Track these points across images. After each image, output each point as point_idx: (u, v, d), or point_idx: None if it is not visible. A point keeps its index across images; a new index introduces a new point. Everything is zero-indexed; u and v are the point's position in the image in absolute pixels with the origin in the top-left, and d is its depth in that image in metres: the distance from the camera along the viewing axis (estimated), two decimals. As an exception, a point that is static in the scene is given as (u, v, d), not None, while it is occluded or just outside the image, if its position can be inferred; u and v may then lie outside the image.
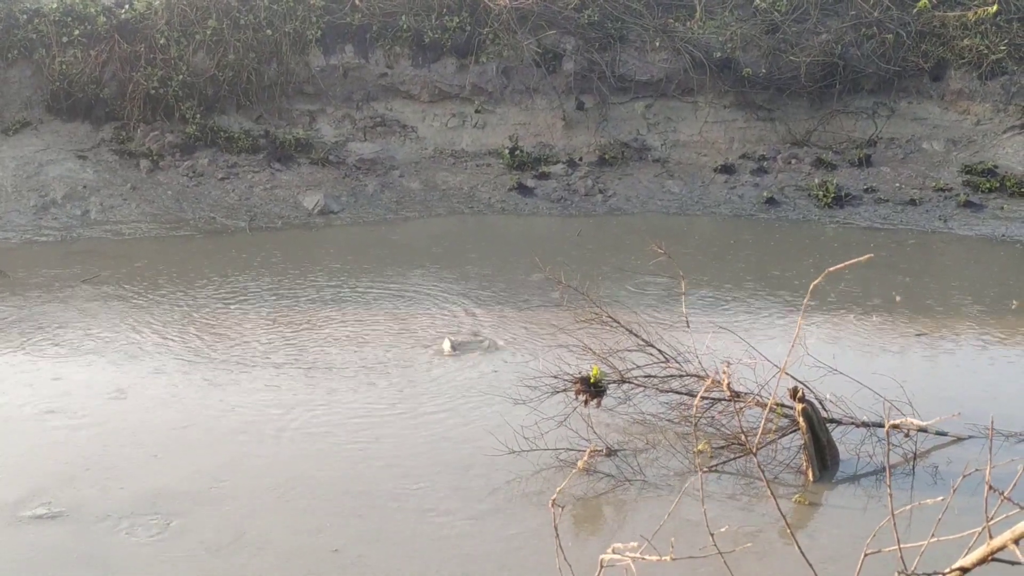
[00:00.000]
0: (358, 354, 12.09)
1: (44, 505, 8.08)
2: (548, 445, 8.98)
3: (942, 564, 2.94)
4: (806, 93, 24.10)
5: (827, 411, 9.25)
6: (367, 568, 7.26)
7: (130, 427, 9.77)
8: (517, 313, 13.75)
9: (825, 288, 14.59)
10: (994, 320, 13.56)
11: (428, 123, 24.02)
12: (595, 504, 8.33)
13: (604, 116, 24.21)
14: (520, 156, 23.07)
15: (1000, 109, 23.52)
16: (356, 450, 9.33)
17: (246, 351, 12.15)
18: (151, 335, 12.65)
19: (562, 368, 9.90)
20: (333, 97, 23.72)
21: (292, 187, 21.25)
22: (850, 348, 12.51)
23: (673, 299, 13.57)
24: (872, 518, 7.87)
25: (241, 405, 10.38)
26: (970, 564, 2.62)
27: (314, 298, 14.47)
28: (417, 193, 21.79)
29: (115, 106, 21.94)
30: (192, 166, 21.38)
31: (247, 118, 22.89)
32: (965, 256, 18.12)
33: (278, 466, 8.95)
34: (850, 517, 8.21)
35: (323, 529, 7.82)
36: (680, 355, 10.06)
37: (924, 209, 20.69)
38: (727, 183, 22.55)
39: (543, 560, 7.19)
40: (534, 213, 21.16)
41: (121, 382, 11.06)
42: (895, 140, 23.61)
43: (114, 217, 19.33)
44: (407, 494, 8.45)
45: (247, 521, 7.95)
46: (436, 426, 9.92)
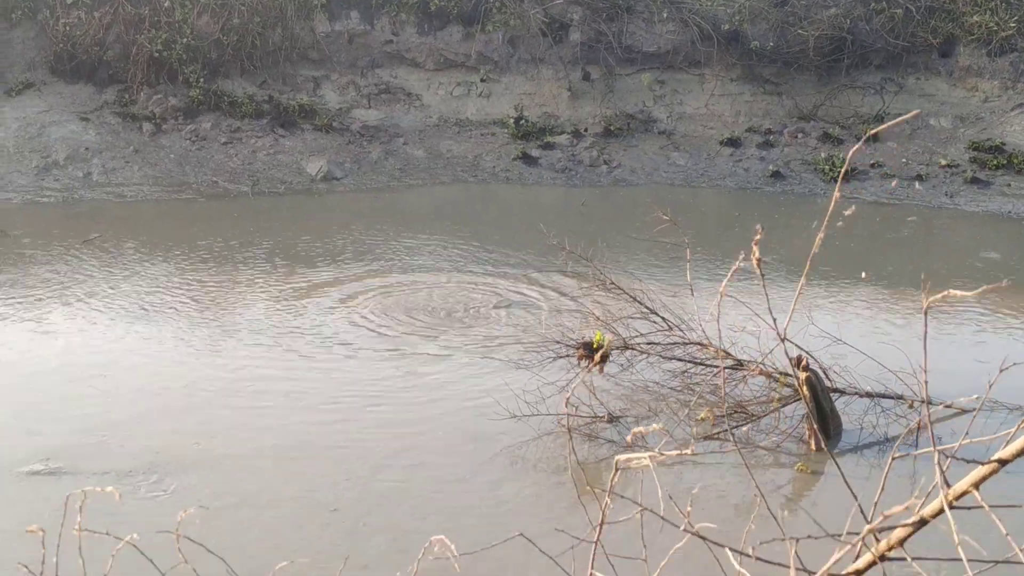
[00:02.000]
0: (359, 319, 12.02)
1: (42, 462, 8.02)
2: (550, 410, 8.91)
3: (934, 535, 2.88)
4: (814, 67, 23.98)
5: (831, 381, 9.18)
6: (365, 526, 7.21)
7: (129, 388, 9.72)
8: (523, 278, 13.67)
9: (829, 261, 14.52)
10: (999, 296, 13.47)
11: (433, 91, 23.91)
12: (595, 470, 8.25)
13: (610, 87, 24.08)
14: (525, 126, 22.97)
15: (1008, 86, 23.39)
16: (356, 414, 9.27)
17: (246, 315, 12.08)
18: (151, 297, 12.58)
19: (565, 334, 9.82)
20: (338, 63, 23.61)
21: (295, 153, 21.16)
22: (854, 320, 12.44)
23: (677, 268, 13.51)
24: (874, 488, 7.79)
25: (241, 368, 10.32)
26: (929, 514, 2.57)
27: (315, 263, 14.39)
28: (421, 161, 21.70)
29: (118, 68, 21.84)
30: (195, 130, 21.28)
31: (251, 83, 22.78)
32: (971, 232, 18.03)
33: (277, 428, 8.89)
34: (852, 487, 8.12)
35: (321, 489, 7.76)
36: (683, 323, 9.98)
37: (930, 185, 20.60)
38: (733, 156, 22.46)
39: (542, 522, 7.13)
40: (538, 183, 21.08)
41: (120, 343, 11.00)
42: (903, 115, 23.45)
43: (116, 179, 19.25)
44: (406, 456, 8.39)
45: (246, 482, 7.89)
46: (438, 390, 9.85)
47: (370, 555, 6.71)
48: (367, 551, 6.76)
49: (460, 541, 6.89)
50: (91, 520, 3.08)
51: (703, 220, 18.12)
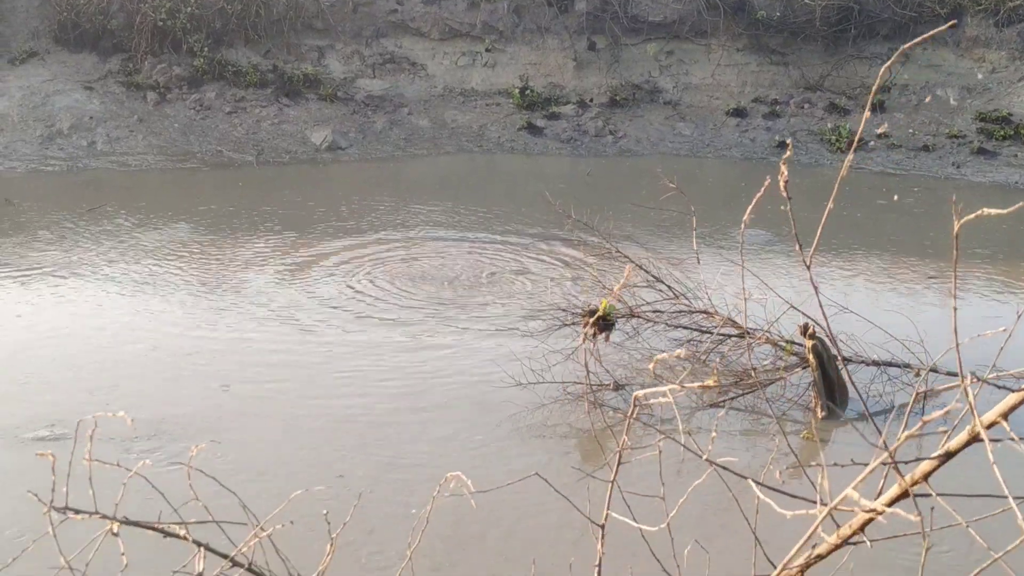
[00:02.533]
0: (364, 288, 11.98)
1: (47, 428, 8.00)
2: (556, 378, 8.87)
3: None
4: (820, 37, 23.86)
5: (837, 349, 9.13)
6: (372, 493, 7.18)
7: (135, 357, 9.69)
8: (528, 247, 13.63)
9: (835, 231, 14.47)
10: (1006, 266, 13.42)
11: (438, 61, 23.81)
12: (602, 437, 8.23)
13: (616, 57, 23.97)
14: (530, 96, 22.89)
15: (1016, 57, 23.25)
16: (361, 382, 9.24)
17: (253, 285, 12.05)
18: (156, 266, 12.55)
19: (571, 302, 9.79)
20: (342, 33, 23.49)
21: (300, 122, 21.10)
22: (862, 289, 12.40)
23: (683, 237, 13.47)
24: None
25: (247, 337, 10.28)
26: (955, 447, 2.53)
27: (320, 232, 14.35)
28: (426, 131, 21.63)
29: (122, 38, 21.74)
30: (199, 99, 21.22)
31: (255, 52, 22.69)
32: (977, 203, 17.90)
33: (282, 397, 8.86)
34: (858, 455, 8.11)
35: (328, 455, 7.74)
36: (690, 291, 9.94)
37: (937, 155, 20.53)
38: (739, 126, 22.40)
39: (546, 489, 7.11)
40: (543, 153, 21.02)
41: (125, 312, 10.97)
42: (909, 86, 23.37)
43: (120, 148, 19.20)
44: (412, 424, 8.37)
45: (253, 449, 7.87)
46: (443, 359, 9.83)
47: (376, 519, 6.70)
48: (373, 515, 6.74)
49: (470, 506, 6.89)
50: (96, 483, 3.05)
51: (709, 190, 18.06)
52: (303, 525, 4.01)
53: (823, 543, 2.90)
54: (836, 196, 2.88)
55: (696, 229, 8.63)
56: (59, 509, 2.91)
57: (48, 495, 2.95)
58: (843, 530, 2.83)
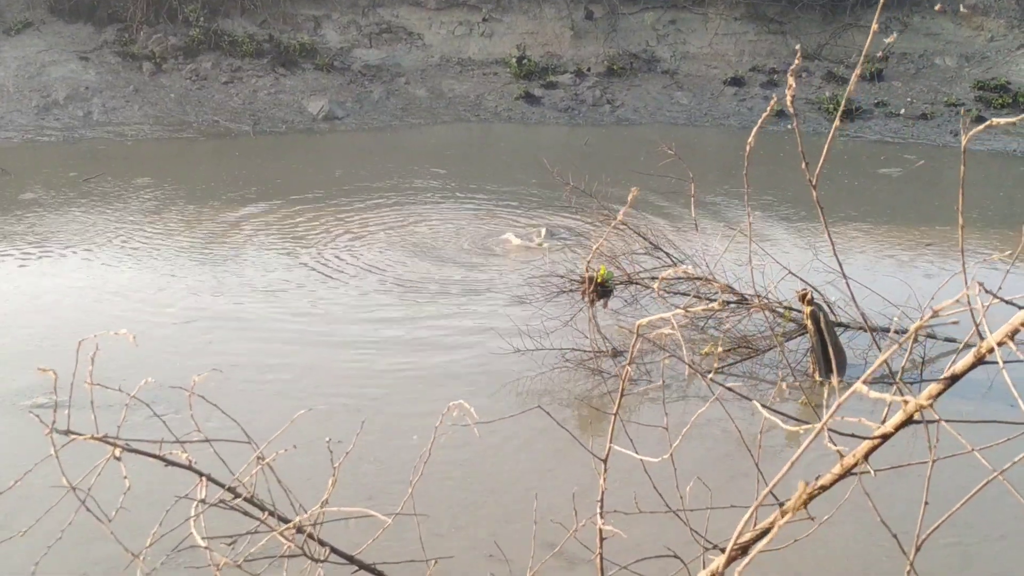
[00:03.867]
0: (362, 256, 11.96)
1: (45, 395, 7.98)
2: (553, 345, 8.85)
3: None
4: (818, 6, 23.81)
5: (835, 315, 9.11)
6: (374, 461, 7.17)
7: (132, 325, 9.65)
8: (526, 215, 13.60)
9: (833, 199, 14.45)
10: (1004, 232, 13.41)
11: (435, 30, 23.71)
12: (601, 401, 8.21)
13: (613, 26, 23.89)
14: (528, 65, 22.81)
15: (1014, 25, 23.19)
16: (359, 349, 9.22)
17: (251, 254, 12.02)
18: (153, 236, 12.52)
19: (570, 268, 9.76)
20: (339, 3, 23.39)
21: (296, 92, 21.02)
22: (860, 255, 12.39)
23: (681, 205, 13.44)
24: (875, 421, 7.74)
25: (244, 308, 10.25)
26: (961, 369, 2.51)
27: (318, 201, 14.30)
28: (423, 100, 21.56)
29: (118, 8, 21.66)
30: (195, 69, 21.13)
31: (251, 22, 22.59)
32: (975, 171, 17.91)
33: (281, 365, 8.84)
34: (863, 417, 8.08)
35: (322, 423, 7.72)
36: (688, 259, 9.92)
37: (935, 124, 20.48)
38: (736, 95, 22.34)
39: (544, 458, 7.11)
40: (541, 122, 20.96)
41: (123, 281, 10.94)
42: (907, 55, 23.31)
43: (116, 119, 19.13)
44: (411, 390, 8.35)
45: (251, 414, 7.85)
46: (441, 326, 9.80)
47: (371, 484, 6.68)
48: (368, 480, 6.73)
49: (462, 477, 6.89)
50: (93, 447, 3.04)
51: (707, 159, 18.03)
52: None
53: (827, 474, 2.88)
54: (833, 163, 2.85)
55: (694, 196, 8.61)
56: (61, 432, 2.91)
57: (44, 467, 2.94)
58: (847, 460, 2.81)
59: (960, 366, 2.57)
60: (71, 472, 3.31)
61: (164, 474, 3.29)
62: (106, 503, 3.47)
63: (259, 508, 3.29)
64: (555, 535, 4.49)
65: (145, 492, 3.98)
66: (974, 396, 7.92)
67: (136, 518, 3.86)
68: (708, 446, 7.25)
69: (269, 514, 3.32)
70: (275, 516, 3.35)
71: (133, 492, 3.15)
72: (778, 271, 8.97)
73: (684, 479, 3.74)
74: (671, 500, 3.68)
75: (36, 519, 3.96)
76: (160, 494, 3.72)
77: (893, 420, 2.69)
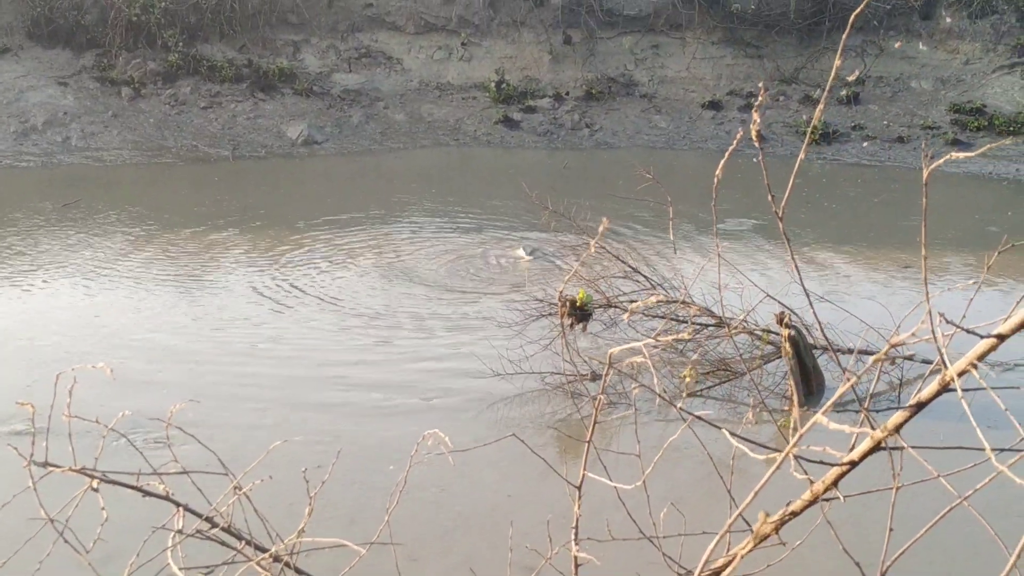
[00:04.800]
0: (341, 280, 11.96)
1: (24, 422, 7.95)
2: (532, 369, 8.86)
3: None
4: (795, 30, 23.96)
5: (813, 338, 9.15)
6: (356, 483, 7.16)
7: (112, 352, 9.63)
8: (505, 238, 13.63)
9: (812, 221, 14.53)
10: (980, 254, 13.49)
11: (414, 55, 23.78)
12: (578, 426, 8.23)
13: (591, 51, 24.00)
14: (506, 89, 22.88)
15: (989, 48, 23.38)
16: (337, 370, 9.22)
17: (231, 279, 12.01)
18: (133, 262, 12.49)
19: (548, 292, 9.79)
20: (318, 27, 23.44)
21: (275, 117, 21.04)
22: (843, 278, 12.44)
23: (660, 229, 13.49)
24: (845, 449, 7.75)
25: (227, 331, 10.24)
26: (927, 397, 2.56)
27: (297, 227, 14.30)
28: (402, 125, 21.61)
29: (96, 33, 21.64)
30: (174, 94, 21.13)
31: (230, 47, 22.61)
32: (951, 193, 18.03)
33: (260, 394, 8.82)
34: (835, 443, 8.11)
35: (301, 445, 7.71)
36: (666, 282, 9.96)
37: (912, 147, 20.63)
38: (714, 119, 22.45)
39: (520, 485, 7.12)
40: (520, 146, 21.03)
41: (101, 308, 10.91)
42: (883, 79, 23.48)
43: (95, 144, 19.12)
44: (388, 420, 8.34)
45: (228, 444, 7.83)
46: (420, 349, 9.80)
47: (351, 506, 6.68)
48: (348, 503, 6.73)
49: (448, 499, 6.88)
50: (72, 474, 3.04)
51: (686, 182, 18.08)
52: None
53: (797, 500, 2.92)
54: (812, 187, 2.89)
55: (673, 220, 8.64)
56: (39, 464, 2.92)
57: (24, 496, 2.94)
58: (816, 486, 2.85)
59: (925, 394, 2.62)
60: (50, 503, 3.31)
61: (142, 505, 3.29)
62: (84, 534, 3.48)
63: (236, 537, 3.30)
64: (531, 561, 4.50)
65: (123, 522, 3.97)
66: (951, 419, 7.96)
67: (113, 549, 3.86)
68: (686, 471, 7.28)
69: (246, 543, 3.33)
70: (252, 545, 3.35)
71: (111, 523, 3.15)
72: (757, 294, 9.03)
73: (660, 505, 3.77)
74: (645, 526, 3.70)
75: (14, 550, 3.95)
76: (137, 524, 3.72)
77: (860, 448, 2.74)
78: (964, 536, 6.21)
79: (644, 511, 3.65)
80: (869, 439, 2.67)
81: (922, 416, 2.91)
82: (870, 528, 6.13)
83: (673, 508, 4.13)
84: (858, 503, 2.92)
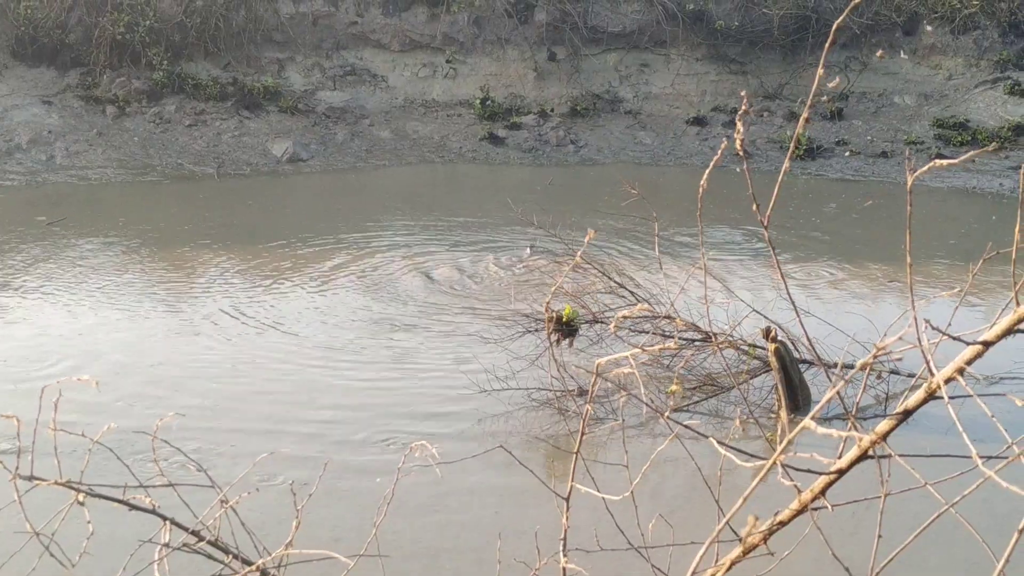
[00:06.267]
0: (328, 297, 11.96)
1: (9, 440, 7.92)
2: (520, 385, 8.86)
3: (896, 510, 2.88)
4: (778, 46, 24.07)
5: (799, 352, 9.17)
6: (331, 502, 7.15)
7: (95, 371, 9.61)
8: (491, 254, 13.63)
9: (797, 236, 14.58)
10: (965, 266, 13.54)
11: (399, 73, 23.82)
12: (565, 442, 8.23)
13: (576, 68, 24.06)
14: (491, 106, 22.94)
15: (972, 64, 23.53)
16: (321, 392, 9.20)
17: (218, 297, 11.99)
18: (118, 281, 12.47)
19: (535, 308, 9.79)
20: (302, 45, 23.45)
21: (261, 135, 21.05)
22: (824, 293, 12.48)
23: (645, 244, 13.52)
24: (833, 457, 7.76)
25: (203, 353, 10.21)
26: (913, 404, 2.57)
27: (283, 244, 14.29)
28: (387, 142, 21.63)
29: (81, 52, 21.63)
30: (159, 112, 21.13)
31: (215, 65, 22.62)
32: (936, 207, 18.11)
33: (242, 410, 8.80)
34: (823, 452, 8.11)
35: (278, 467, 7.69)
36: (652, 297, 9.97)
37: (896, 162, 20.72)
38: (699, 135, 22.55)
39: (508, 498, 7.11)
40: (505, 163, 21.07)
41: (87, 327, 10.89)
42: (867, 94, 23.60)
43: (80, 162, 19.09)
44: (376, 433, 8.33)
45: (215, 458, 7.82)
46: (405, 365, 9.80)
47: (337, 525, 6.66)
48: (334, 522, 6.72)
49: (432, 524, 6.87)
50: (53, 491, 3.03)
51: (671, 198, 18.12)
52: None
53: (785, 510, 2.92)
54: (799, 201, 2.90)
55: (658, 235, 8.66)
56: (24, 477, 2.90)
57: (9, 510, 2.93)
58: (804, 496, 2.85)
59: (912, 401, 2.63)
60: (35, 517, 3.29)
61: (128, 518, 3.28)
62: (70, 548, 3.46)
63: (223, 551, 3.29)
64: (519, 573, 4.50)
65: (109, 536, 3.96)
66: (938, 429, 7.97)
67: (99, 563, 3.85)
68: (673, 484, 7.29)
69: (233, 557, 3.32)
70: (239, 559, 3.34)
71: (97, 536, 3.14)
72: (743, 308, 9.05)
73: (649, 516, 3.77)
74: (634, 537, 3.70)
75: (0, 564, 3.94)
76: (124, 538, 3.71)
77: (848, 456, 2.74)
78: (953, 543, 6.23)
79: (632, 522, 3.66)
80: (856, 447, 2.67)
81: (908, 429, 2.92)
82: (860, 537, 6.14)
83: (661, 520, 4.13)
84: (846, 512, 2.92)
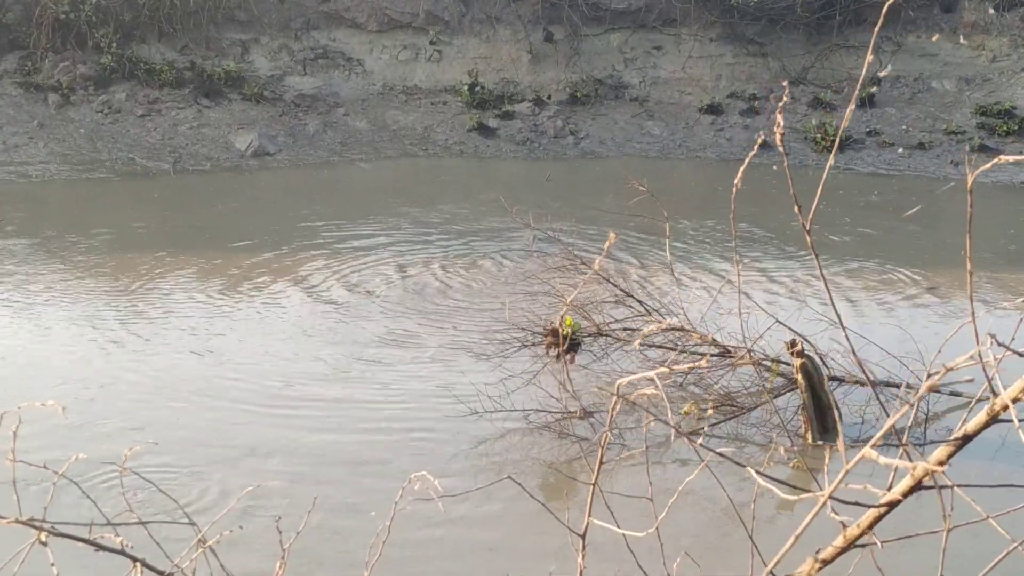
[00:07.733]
0: (301, 304, 11.97)
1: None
2: (515, 405, 8.87)
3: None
4: (802, 25, 24.05)
5: (829, 368, 9.18)
6: (321, 539, 7.17)
7: (51, 391, 9.61)
8: (482, 259, 13.66)
9: (826, 237, 14.61)
10: (1015, 274, 13.56)
11: (376, 55, 23.83)
12: (568, 469, 8.24)
13: (575, 49, 24.08)
14: (481, 93, 22.95)
15: (1018, 44, 23.53)
16: (300, 406, 9.22)
17: (170, 309, 12.00)
18: (61, 286, 12.47)
19: (532, 320, 9.79)
20: (268, 25, 23.45)
21: (222, 125, 21.06)
22: (854, 301, 12.49)
23: (655, 247, 13.54)
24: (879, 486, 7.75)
25: (161, 369, 10.22)
26: (973, 429, 2.59)
27: (248, 247, 14.30)
28: (364, 133, 21.64)
29: (20, 33, 21.61)
30: (107, 101, 21.12)
31: (170, 48, 22.62)
32: (979, 205, 18.09)
33: (216, 424, 8.81)
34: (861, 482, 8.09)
35: (257, 497, 7.71)
36: (663, 307, 9.99)
37: (934, 154, 20.74)
38: (714, 124, 22.56)
39: (515, 533, 7.14)
40: (497, 156, 21.08)
41: (30, 337, 10.90)
42: (902, 78, 23.62)
43: (19, 157, 19.08)
44: (368, 461, 8.35)
45: (200, 475, 7.83)
46: (389, 384, 9.81)
47: (327, 566, 6.69)
48: (324, 561, 6.74)
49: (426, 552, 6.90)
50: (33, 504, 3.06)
51: (682, 195, 18.16)
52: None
53: (828, 548, 2.92)
54: (824, 198, 2.95)
55: (669, 237, 8.68)
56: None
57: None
58: (850, 530, 2.83)
59: (972, 425, 2.63)
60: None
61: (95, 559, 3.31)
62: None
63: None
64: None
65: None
66: (984, 455, 8.02)
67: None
68: (692, 515, 7.31)
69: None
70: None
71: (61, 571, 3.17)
72: (765, 320, 9.05)
73: (668, 551, 3.80)
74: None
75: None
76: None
77: (900, 486, 2.73)
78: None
79: (652, 557, 3.68)
80: (910, 476, 2.68)
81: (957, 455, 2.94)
82: (902, 573, 6.17)
83: (686, 557, 4.16)
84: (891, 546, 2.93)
